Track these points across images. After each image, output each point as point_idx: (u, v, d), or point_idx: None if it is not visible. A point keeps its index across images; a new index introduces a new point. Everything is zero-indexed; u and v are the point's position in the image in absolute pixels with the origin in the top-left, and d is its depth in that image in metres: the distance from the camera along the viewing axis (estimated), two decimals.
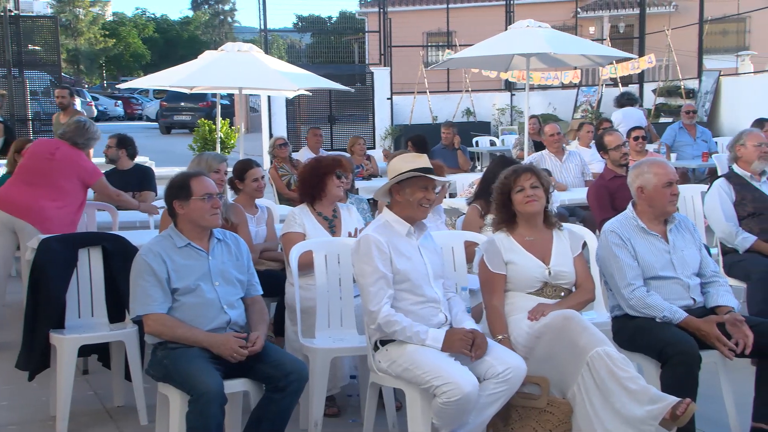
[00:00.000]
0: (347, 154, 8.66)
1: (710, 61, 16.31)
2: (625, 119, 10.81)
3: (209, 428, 3.08)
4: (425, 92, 15.71)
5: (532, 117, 10.47)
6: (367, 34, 20.48)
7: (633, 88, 15.83)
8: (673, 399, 3.03)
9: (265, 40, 16.07)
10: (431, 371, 3.15)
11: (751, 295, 4.73)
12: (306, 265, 4.01)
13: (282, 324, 4.29)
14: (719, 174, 6.21)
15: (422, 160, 3.48)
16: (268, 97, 14.57)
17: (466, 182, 6.90)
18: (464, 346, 3.22)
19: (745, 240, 4.90)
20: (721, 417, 3.61)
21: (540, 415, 3.25)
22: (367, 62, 20.62)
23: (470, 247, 4.20)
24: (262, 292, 3.65)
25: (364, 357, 3.64)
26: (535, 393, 3.28)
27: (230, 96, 22.45)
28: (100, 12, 50.99)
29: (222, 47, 8.26)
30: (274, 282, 4.35)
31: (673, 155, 9.90)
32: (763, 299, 4.65)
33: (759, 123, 8.47)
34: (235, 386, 3.33)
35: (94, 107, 34.69)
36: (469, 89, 15.91)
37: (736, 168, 5.17)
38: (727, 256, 5.04)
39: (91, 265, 4.22)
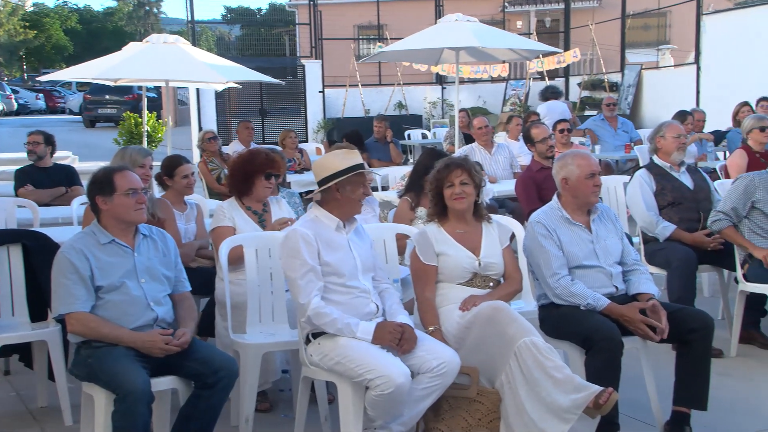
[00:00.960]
0: (278, 148, 8.60)
1: (633, 55, 16.78)
2: (550, 112, 11.05)
3: (136, 427, 3.02)
4: (357, 85, 15.71)
5: (461, 110, 10.60)
6: (297, 26, 20.33)
7: (559, 82, 16.19)
8: (596, 388, 3.10)
9: (193, 31, 15.79)
10: (364, 364, 3.16)
11: (671, 282, 4.90)
12: (236, 260, 3.96)
13: (209, 324, 4.21)
14: (641, 165, 6.41)
15: (356, 156, 3.49)
16: (197, 89, 14.33)
17: (398, 175, 6.94)
18: (393, 340, 3.24)
19: (665, 229, 5.07)
20: (643, 401, 3.72)
21: (470, 405, 3.30)
22: (298, 55, 20.47)
23: (401, 240, 4.23)
24: (190, 289, 3.59)
25: (296, 351, 3.62)
26: (465, 383, 3.33)
27: (157, 89, 21.98)
28: (19, 2, 49.17)
29: (147, 39, 8.08)
30: (206, 279, 4.28)
31: (597, 147, 10.17)
32: (682, 286, 4.82)
33: (680, 115, 8.77)
34: (162, 384, 3.27)
35: (14, 100, 33.51)
36: (401, 83, 15.98)
37: (656, 159, 5.34)
38: (648, 245, 5.20)
39: (11, 263, 4.08)
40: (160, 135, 14.88)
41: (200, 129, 13.18)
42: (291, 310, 3.86)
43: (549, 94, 12.24)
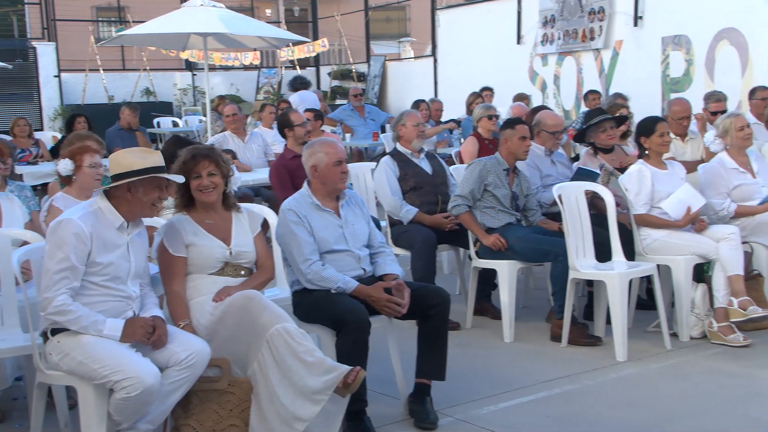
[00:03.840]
0: (7, 137, 7.84)
1: (377, 46, 17.54)
2: (302, 102, 11.22)
3: None
4: (98, 70, 14.74)
5: (219, 97, 10.43)
6: (26, 5, 18.58)
7: (310, 71, 16.47)
8: (345, 368, 3.20)
9: None
10: (110, 365, 3.00)
11: (414, 262, 5.21)
12: None
13: None
14: (387, 152, 6.74)
15: (157, 157, 3.29)
16: None
17: None
18: (145, 335, 3.12)
19: (408, 212, 5.37)
20: (389, 376, 3.92)
21: (221, 397, 3.26)
22: (28, 36, 18.72)
23: (148, 232, 4.04)
24: None
25: (30, 357, 3.35)
26: (216, 375, 3.29)
27: None
28: None
29: None
30: None
31: (347, 135, 10.52)
32: (424, 265, 5.15)
33: (416, 104, 9.33)
34: None
35: None
36: (148, 68, 15.27)
37: (398, 146, 5.64)
38: (394, 228, 5.49)
39: None
40: None
41: None
42: (28, 312, 3.54)
43: (298, 84, 12.43)
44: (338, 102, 14.76)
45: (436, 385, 3.81)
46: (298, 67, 15.76)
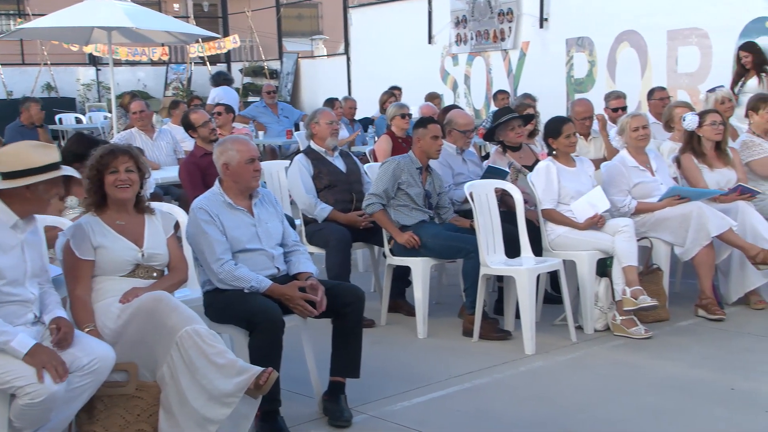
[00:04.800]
0: None
1: (290, 43, 17.43)
2: (225, 98, 11.04)
3: None
4: None
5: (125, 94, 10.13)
6: None
7: (221, 68, 16.20)
8: (257, 369, 3.16)
9: None
10: (13, 370, 2.87)
11: (329, 260, 5.22)
12: None
13: None
14: (300, 150, 6.71)
15: (54, 152, 3.15)
16: None
17: None
18: (51, 368, 2.89)
19: (322, 210, 5.37)
20: (304, 375, 3.90)
21: (128, 402, 3.18)
22: None
23: (50, 232, 3.88)
24: None
25: None
26: (123, 380, 3.20)
27: None
28: None
29: None
30: None
31: (260, 133, 10.42)
32: (338, 263, 5.16)
33: (329, 102, 9.33)
34: None
35: None
36: (48, 62, 14.69)
37: (312, 144, 5.62)
38: (309, 226, 5.47)
39: None
40: None
41: None
42: None
43: (221, 80, 12.24)
44: (251, 99, 14.59)
45: (350, 382, 3.82)
46: (208, 63, 15.48)
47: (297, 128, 10.32)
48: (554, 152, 5.19)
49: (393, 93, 9.77)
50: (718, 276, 5.34)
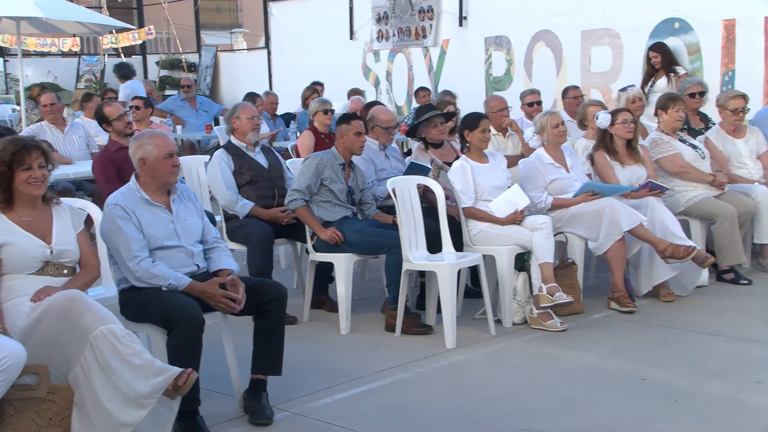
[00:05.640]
0: None
1: (208, 36, 17.11)
2: (135, 92, 10.76)
3: None
4: None
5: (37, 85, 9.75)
6: None
7: (136, 60, 15.78)
8: (176, 370, 3.10)
9: None
10: None
11: (251, 257, 5.15)
12: None
13: None
14: (221, 145, 6.60)
15: None
16: None
17: None
18: None
19: (244, 206, 5.30)
20: (224, 373, 3.85)
21: (39, 405, 3.06)
22: None
23: None
24: None
25: None
26: (33, 383, 3.07)
27: None
28: None
29: None
30: None
31: (178, 127, 10.20)
32: (260, 260, 5.11)
33: (250, 97, 9.22)
34: None
35: None
36: None
37: (233, 139, 5.54)
38: (230, 222, 5.39)
39: None
40: None
41: None
42: None
43: (129, 72, 11.93)
44: (168, 93, 14.25)
45: (272, 380, 3.79)
46: (122, 55, 15.04)
47: (217, 123, 10.16)
48: (467, 146, 5.29)
49: (315, 89, 9.73)
50: (629, 269, 5.54)
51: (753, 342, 4.59)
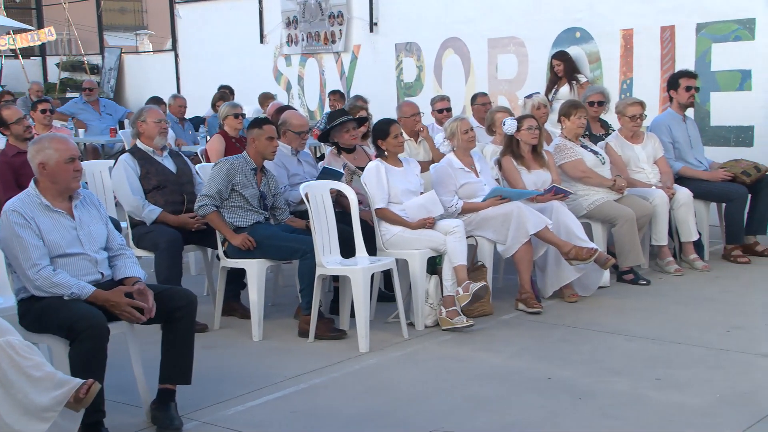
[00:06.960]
0: None
1: (112, 38, 16.59)
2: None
3: None
4: None
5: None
6: None
7: (36, 61, 15.18)
8: (77, 381, 3.01)
9: None
10: None
11: (159, 264, 5.03)
12: None
13: None
14: (126, 149, 6.42)
15: None
16: None
17: None
18: None
19: (151, 212, 5.17)
20: (130, 383, 3.75)
21: None
22: None
23: None
24: None
25: None
26: None
27: None
28: None
29: None
30: None
31: (80, 131, 9.86)
32: (168, 267, 4.99)
33: (155, 100, 9.01)
34: None
35: None
36: None
37: (139, 143, 5.40)
38: (136, 229, 5.25)
39: None
40: None
41: None
42: None
43: None
44: (69, 95, 13.75)
45: (182, 388, 3.71)
46: (20, 56, 14.42)
47: (122, 126, 9.87)
48: (384, 153, 5.32)
49: (224, 93, 9.59)
50: (536, 272, 5.70)
51: (652, 340, 4.80)
